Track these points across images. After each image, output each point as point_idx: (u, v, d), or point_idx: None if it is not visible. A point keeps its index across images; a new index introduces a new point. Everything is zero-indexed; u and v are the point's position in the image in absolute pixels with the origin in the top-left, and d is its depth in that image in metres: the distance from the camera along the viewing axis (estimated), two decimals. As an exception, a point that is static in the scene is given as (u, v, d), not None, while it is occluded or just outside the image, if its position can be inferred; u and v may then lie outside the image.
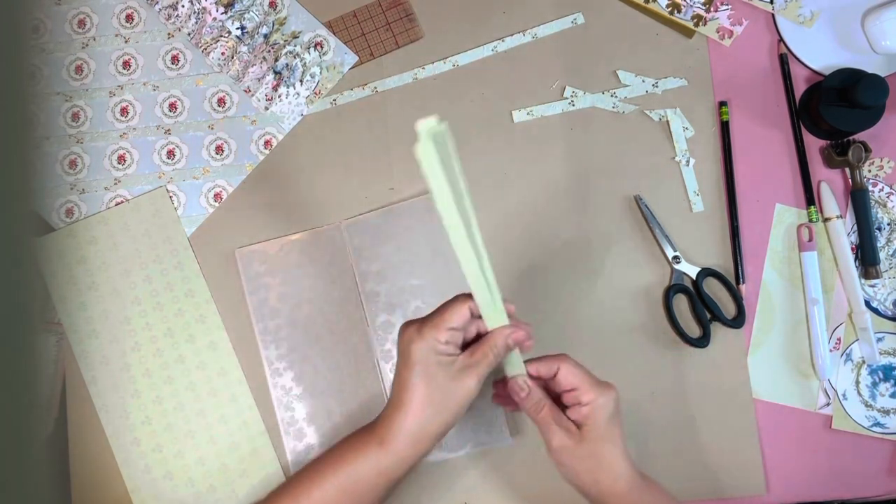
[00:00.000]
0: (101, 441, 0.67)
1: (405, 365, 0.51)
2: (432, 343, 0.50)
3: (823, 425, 0.67)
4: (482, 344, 0.51)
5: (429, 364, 0.50)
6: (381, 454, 0.51)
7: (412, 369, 0.50)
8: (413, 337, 0.50)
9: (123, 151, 0.71)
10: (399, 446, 0.50)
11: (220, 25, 0.72)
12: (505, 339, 0.51)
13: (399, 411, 0.50)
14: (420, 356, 0.50)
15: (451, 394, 0.50)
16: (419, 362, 0.50)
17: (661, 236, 0.68)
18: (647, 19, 0.72)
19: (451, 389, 0.50)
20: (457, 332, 0.51)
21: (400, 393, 0.51)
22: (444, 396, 0.50)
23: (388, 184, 0.70)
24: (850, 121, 0.67)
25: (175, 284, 0.69)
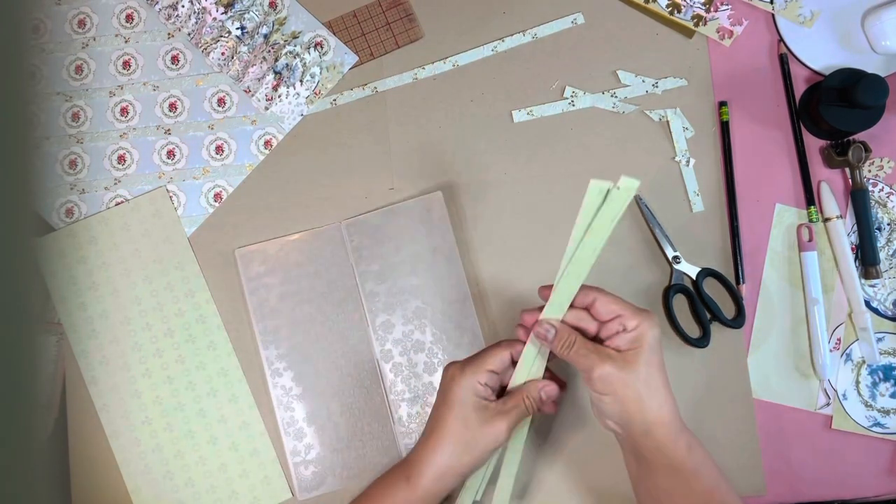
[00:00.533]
0: (101, 441, 0.67)
1: (444, 402, 0.53)
2: (473, 383, 0.52)
3: (823, 425, 0.67)
4: (517, 393, 0.53)
5: (466, 405, 0.52)
6: (408, 490, 0.53)
7: (450, 407, 0.52)
8: (455, 375, 0.53)
9: (123, 151, 0.71)
10: (425, 482, 0.52)
11: (220, 25, 0.72)
12: (538, 392, 0.53)
13: (429, 447, 0.53)
14: (459, 396, 0.52)
15: (482, 437, 0.52)
16: (457, 402, 0.52)
17: (661, 236, 0.68)
18: (647, 19, 0.72)
19: (481, 432, 0.52)
20: (495, 376, 0.53)
21: (434, 429, 0.53)
22: (474, 438, 0.52)
23: (388, 184, 0.70)
24: (850, 121, 0.67)
25: (175, 284, 0.69)
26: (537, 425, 0.66)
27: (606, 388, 0.50)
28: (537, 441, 0.66)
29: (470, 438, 0.52)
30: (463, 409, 0.52)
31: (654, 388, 0.50)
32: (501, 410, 0.52)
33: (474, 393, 0.52)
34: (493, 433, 0.52)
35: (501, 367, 0.54)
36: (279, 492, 0.67)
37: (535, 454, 0.66)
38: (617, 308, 0.51)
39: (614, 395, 0.50)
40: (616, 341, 0.51)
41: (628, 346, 0.50)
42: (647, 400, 0.49)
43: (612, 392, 0.50)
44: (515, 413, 0.53)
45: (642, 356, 0.50)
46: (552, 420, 0.66)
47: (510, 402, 0.53)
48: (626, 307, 0.51)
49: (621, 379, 0.49)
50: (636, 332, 0.50)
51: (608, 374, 0.49)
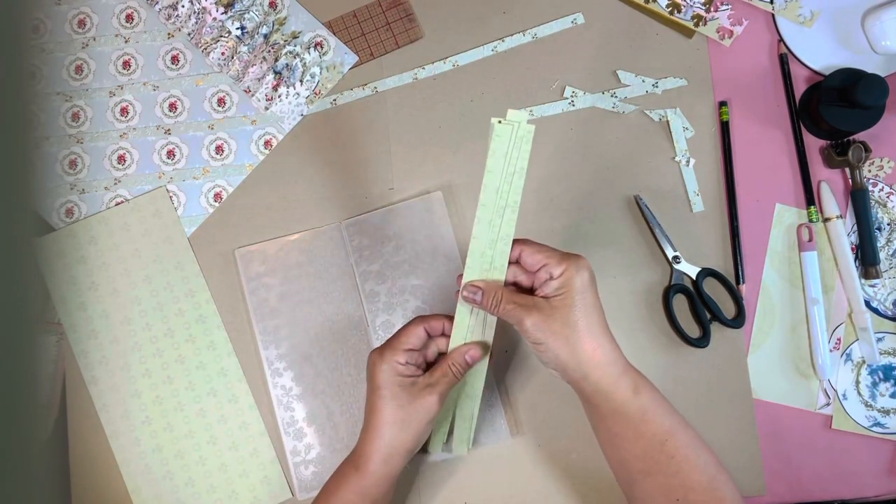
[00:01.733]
0: (101, 441, 0.67)
1: (371, 389, 0.55)
2: (392, 365, 0.53)
3: (823, 425, 0.67)
4: (441, 363, 0.55)
5: (392, 386, 0.53)
6: (358, 477, 0.54)
7: (376, 392, 0.54)
8: (375, 361, 0.54)
9: (123, 151, 0.71)
10: (372, 467, 0.53)
11: (220, 25, 0.72)
12: (463, 356, 0.54)
13: (368, 434, 0.54)
14: (383, 379, 0.53)
15: (414, 412, 0.53)
16: (382, 385, 0.53)
17: (661, 236, 0.68)
18: (647, 19, 0.72)
19: (413, 408, 0.53)
20: (415, 353, 0.55)
21: (368, 417, 0.55)
22: (408, 415, 0.53)
23: (388, 184, 0.70)
24: (850, 121, 0.67)
25: (175, 284, 0.69)
26: (537, 425, 0.66)
27: (538, 337, 0.50)
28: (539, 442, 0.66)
29: (404, 416, 0.53)
30: (389, 390, 0.53)
31: (585, 331, 0.49)
32: (428, 383, 0.54)
33: (396, 373, 0.53)
34: (425, 406, 0.53)
35: (419, 343, 0.55)
36: (279, 492, 0.67)
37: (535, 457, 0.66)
38: (542, 257, 0.51)
39: (546, 342, 0.50)
40: (544, 289, 0.51)
41: (555, 293, 0.50)
42: (579, 343, 0.49)
43: (544, 340, 0.50)
44: (443, 382, 0.54)
45: (569, 300, 0.50)
46: (552, 420, 0.66)
47: (436, 372, 0.54)
48: (551, 254, 0.51)
49: (549, 326, 0.49)
50: (563, 278, 0.50)
51: (536, 323, 0.50)
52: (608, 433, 0.52)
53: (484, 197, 0.53)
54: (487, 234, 0.53)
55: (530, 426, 0.67)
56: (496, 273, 0.53)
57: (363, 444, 0.54)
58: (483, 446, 0.66)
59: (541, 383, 0.67)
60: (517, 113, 0.52)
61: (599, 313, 0.51)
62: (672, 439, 0.50)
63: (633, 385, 0.50)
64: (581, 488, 0.66)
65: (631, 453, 0.51)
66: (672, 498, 0.50)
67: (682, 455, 0.50)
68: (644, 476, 0.51)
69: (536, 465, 0.66)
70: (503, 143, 0.52)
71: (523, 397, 0.67)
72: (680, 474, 0.50)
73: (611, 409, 0.51)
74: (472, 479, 0.66)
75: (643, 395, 0.51)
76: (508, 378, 0.68)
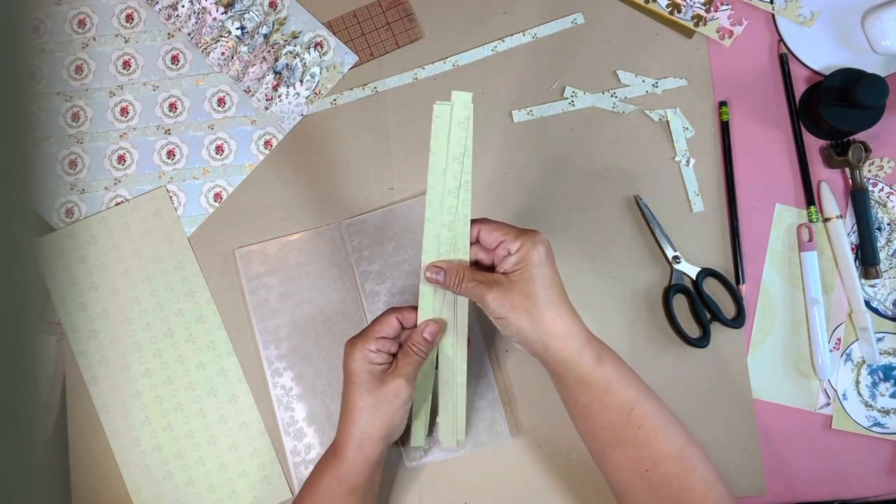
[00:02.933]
0: (101, 441, 0.67)
1: (345, 377, 0.56)
2: (364, 353, 0.55)
3: (823, 425, 0.67)
4: (402, 349, 0.56)
5: (362, 373, 0.55)
6: (336, 464, 0.55)
7: (349, 379, 0.56)
8: (349, 351, 0.56)
9: (123, 151, 0.71)
10: (348, 452, 0.55)
11: (220, 25, 0.72)
12: (420, 334, 0.55)
13: (344, 421, 0.56)
14: (355, 367, 0.55)
15: (383, 396, 0.54)
16: (354, 373, 0.55)
17: (661, 236, 0.68)
18: (647, 19, 0.72)
19: (382, 393, 0.54)
20: (387, 342, 0.56)
21: (343, 404, 0.56)
22: (378, 400, 0.54)
23: (388, 184, 0.70)
24: (850, 121, 0.67)
25: (175, 284, 0.69)
26: (537, 425, 0.66)
27: (499, 312, 0.51)
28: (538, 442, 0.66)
29: (374, 401, 0.54)
30: (360, 377, 0.55)
31: (543, 303, 0.50)
32: (394, 368, 0.55)
33: (367, 361, 0.55)
34: (392, 390, 0.54)
35: (393, 332, 0.56)
36: (279, 492, 0.67)
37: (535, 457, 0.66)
38: (499, 234, 0.52)
39: (507, 316, 0.51)
40: (503, 265, 0.52)
41: (514, 268, 0.51)
42: (538, 315, 0.50)
43: (505, 314, 0.51)
44: (407, 362, 0.55)
45: (527, 274, 0.50)
46: (552, 420, 0.66)
47: (399, 356, 0.56)
48: (508, 231, 0.52)
49: (510, 301, 0.50)
50: (520, 253, 0.51)
51: (497, 298, 0.51)
52: (575, 404, 0.53)
53: (431, 179, 0.54)
54: (442, 216, 0.54)
55: (530, 426, 0.67)
56: (459, 254, 0.54)
57: (340, 432, 0.56)
58: (483, 446, 0.66)
59: (541, 383, 0.67)
60: (460, 94, 0.53)
61: (558, 286, 0.52)
62: (638, 409, 0.51)
63: (595, 355, 0.51)
64: (581, 488, 0.66)
65: (598, 424, 0.52)
66: (641, 468, 0.51)
67: (649, 425, 0.51)
68: (612, 448, 0.52)
69: (536, 465, 0.66)
70: (444, 123, 0.53)
71: (523, 397, 0.67)
72: (648, 445, 0.51)
73: (575, 380, 0.51)
74: (472, 479, 0.66)
75: (606, 364, 0.51)
76: (508, 378, 0.68)
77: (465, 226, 0.54)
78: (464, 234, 0.54)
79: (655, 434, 0.51)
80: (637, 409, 0.51)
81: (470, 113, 0.53)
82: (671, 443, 0.51)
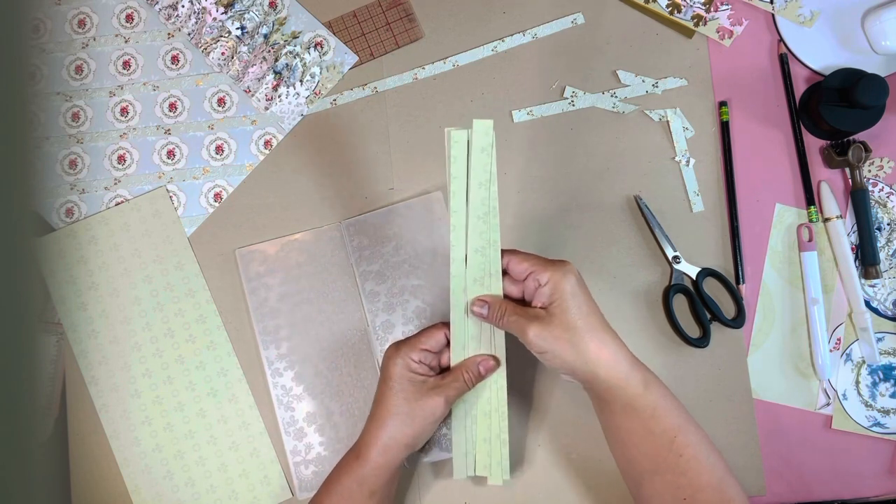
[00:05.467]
0: (101, 441, 0.67)
1: (383, 380, 0.56)
2: (406, 360, 0.55)
3: (823, 425, 0.67)
4: (456, 368, 0.56)
5: (401, 379, 0.55)
6: (357, 465, 0.55)
7: (387, 384, 0.56)
8: (391, 354, 0.56)
9: (123, 151, 0.71)
10: (372, 456, 0.55)
11: (220, 25, 0.72)
12: (477, 366, 0.55)
13: (372, 423, 0.56)
14: (394, 372, 0.55)
15: (419, 409, 0.54)
16: (392, 377, 0.55)
17: (661, 236, 0.68)
18: (647, 19, 0.72)
19: (419, 405, 0.54)
20: (430, 354, 0.56)
21: (375, 407, 0.56)
22: (412, 410, 0.54)
23: (388, 184, 0.70)
24: (850, 121, 0.67)
25: (175, 284, 0.69)
26: (537, 425, 0.66)
27: (542, 347, 0.51)
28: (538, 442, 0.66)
29: (409, 411, 0.54)
30: (400, 383, 0.55)
31: (585, 332, 0.50)
32: (438, 385, 0.55)
33: (408, 369, 0.55)
34: (430, 406, 0.54)
35: (437, 347, 0.56)
36: (279, 492, 0.67)
37: (535, 457, 0.66)
38: (527, 265, 0.53)
39: (551, 350, 0.51)
40: (537, 299, 0.52)
41: (549, 301, 0.51)
42: (582, 344, 0.50)
43: (549, 349, 0.51)
44: (454, 387, 0.55)
45: (563, 305, 0.51)
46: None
47: (449, 377, 0.55)
48: (535, 263, 0.53)
49: (551, 334, 0.50)
50: (550, 285, 0.51)
51: (538, 332, 0.51)
52: (618, 431, 0.53)
53: (454, 204, 0.54)
54: (471, 241, 0.55)
55: (530, 427, 0.67)
56: (493, 280, 0.55)
57: (366, 432, 0.56)
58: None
59: (541, 384, 0.67)
60: (481, 122, 0.54)
61: (596, 313, 0.52)
62: (681, 437, 0.50)
63: (643, 380, 0.51)
64: (581, 488, 0.66)
65: (640, 450, 0.51)
66: (679, 497, 0.50)
67: (691, 454, 0.50)
68: (652, 475, 0.51)
69: (536, 465, 0.66)
70: (461, 149, 0.54)
71: (523, 397, 0.67)
72: (688, 473, 0.50)
73: (621, 406, 0.51)
74: (473, 479, 0.66)
75: (653, 390, 0.51)
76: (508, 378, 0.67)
77: (496, 251, 0.55)
78: (496, 259, 0.55)
79: (697, 463, 0.50)
80: (680, 436, 0.50)
81: (492, 140, 0.54)
82: (711, 473, 0.50)
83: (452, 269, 0.55)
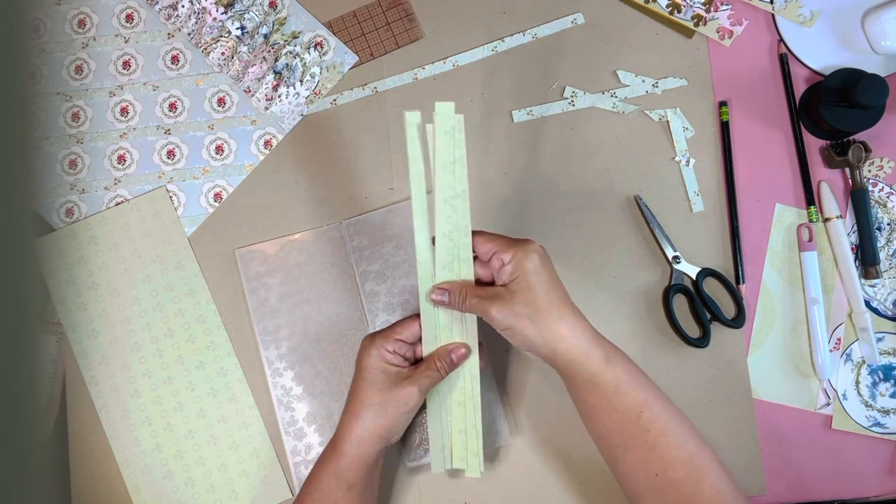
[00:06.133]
0: (101, 441, 0.67)
1: (357, 371, 0.56)
2: (381, 351, 0.55)
3: (823, 425, 0.67)
4: (429, 358, 0.56)
5: (375, 370, 0.55)
6: (334, 459, 0.55)
7: (360, 374, 0.56)
8: (366, 345, 0.56)
9: (123, 151, 0.71)
10: (346, 448, 0.55)
11: (220, 25, 0.72)
12: (449, 354, 0.55)
13: (346, 416, 0.56)
14: (368, 363, 0.55)
15: (392, 399, 0.54)
16: (366, 369, 0.55)
17: (661, 236, 0.68)
18: (647, 19, 0.72)
19: (392, 395, 0.54)
20: (405, 345, 0.56)
21: (350, 399, 0.56)
22: (386, 401, 0.54)
23: (388, 184, 0.70)
24: (850, 121, 0.67)
25: (175, 284, 0.69)
26: (537, 425, 0.66)
27: (503, 323, 0.51)
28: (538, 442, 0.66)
29: (382, 401, 0.54)
30: (373, 374, 0.55)
31: (545, 309, 0.51)
32: (411, 375, 0.55)
33: (382, 360, 0.55)
34: (404, 396, 0.54)
35: (412, 338, 0.56)
36: (279, 492, 0.67)
37: (535, 457, 0.66)
38: (492, 245, 0.53)
39: (512, 326, 0.51)
40: (501, 277, 0.52)
41: (510, 278, 0.51)
42: (541, 322, 0.50)
43: (509, 324, 0.51)
44: (427, 376, 0.55)
45: (525, 282, 0.51)
46: (552, 420, 0.66)
47: (422, 366, 0.55)
48: (499, 242, 0.53)
49: (511, 311, 0.51)
50: (513, 263, 0.51)
51: (500, 310, 0.51)
52: (584, 406, 0.53)
53: (414, 187, 0.54)
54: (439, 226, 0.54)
55: (530, 426, 0.67)
56: (464, 265, 0.55)
57: (341, 425, 0.56)
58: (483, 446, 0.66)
59: (540, 383, 0.67)
60: (442, 105, 0.53)
61: (559, 290, 0.52)
62: (647, 412, 0.50)
63: (604, 355, 0.51)
64: (580, 488, 0.66)
65: (607, 427, 0.52)
66: (651, 472, 0.50)
67: (659, 429, 0.50)
68: (622, 451, 0.51)
69: (536, 465, 0.66)
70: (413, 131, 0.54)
71: (523, 397, 0.67)
72: (657, 448, 0.50)
73: (583, 381, 0.51)
74: (472, 479, 0.66)
75: (616, 365, 0.51)
76: (508, 378, 0.68)
77: (466, 236, 0.54)
78: (466, 244, 0.54)
79: (665, 439, 0.50)
80: (647, 412, 0.50)
81: (456, 122, 0.53)
82: (681, 448, 0.50)
83: (418, 256, 0.55)
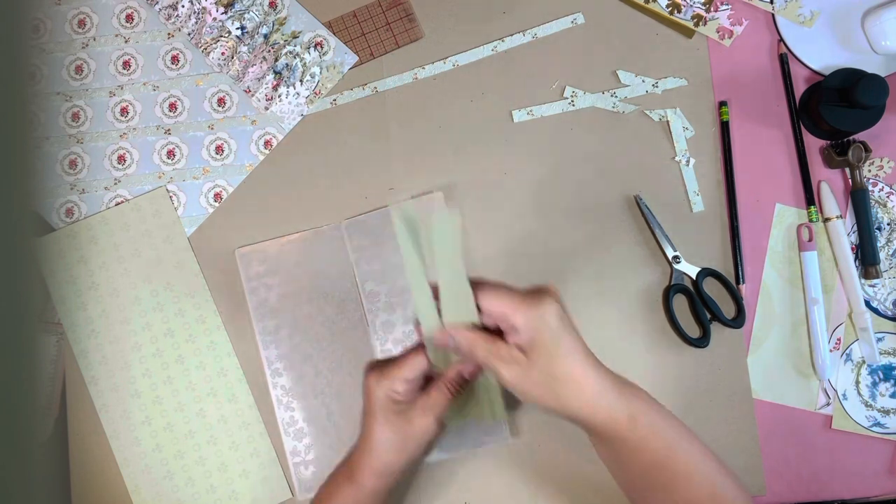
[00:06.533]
0: (101, 441, 0.67)
1: (368, 410, 0.53)
2: (388, 393, 0.52)
3: (823, 425, 0.67)
4: (437, 383, 0.52)
5: (388, 412, 0.52)
6: (352, 489, 0.53)
7: (371, 415, 0.53)
8: (371, 385, 0.53)
9: (123, 151, 0.71)
10: (366, 480, 0.53)
11: (220, 25, 0.72)
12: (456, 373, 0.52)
13: (363, 449, 0.53)
14: (379, 404, 0.52)
15: (410, 435, 0.52)
16: (379, 410, 0.52)
17: (661, 236, 0.68)
18: (647, 19, 0.72)
19: (409, 431, 0.52)
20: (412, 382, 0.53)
21: (363, 434, 0.53)
22: (403, 439, 0.52)
23: (388, 184, 0.70)
24: (850, 121, 0.67)
25: (175, 284, 0.69)
26: (537, 425, 0.66)
27: (520, 389, 0.47)
28: (539, 442, 0.66)
29: (399, 439, 0.52)
30: (384, 415, 0.52)
31: (564, 376, 0.46)
32: (425, 406, 0.52)
33: (392, 401, 0.52)
34: (422, 429, 0.52)
35: (418, 374, 0.52)
36: (279, 492, 0.67)
37: (535, 457, 0.66)
38: (501, 305, 0.48)
39: (528, 394, 0.47)
40: (513, 339, 0.48)
41: (526, 346, 0.47)
42: (561, 390, 0.47)
43: (526, 391, 0.47)
44: (441, 403, 0.52)
45: (544, 351, 0.46)
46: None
47: (432, 393, 0.52)
48: (509, 301, 0.47)
49: (529, 377, 0.47)
50: (530, 330, 0.46)
51: (514, 377, 0.47)
52: (607, 457, 0.51)
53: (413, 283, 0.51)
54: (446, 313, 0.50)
55: (530, 427, 0.67)
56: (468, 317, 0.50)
57: (358, 455, 0.54)
58: (483, 446, 0.66)
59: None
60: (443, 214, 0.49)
61: (579, 351, 0.47)
62: (672, 457, 0.49)
63: (628, 413, 0.48)
64: (580, 488, 0.66)
65: (633, 473, 0.50)
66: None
67: (683, 472, 0.49)
68: (643, 492, 0.51)
69: (536, 466, 0.66)
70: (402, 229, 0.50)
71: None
72: (680, 490, 0.49)
73: (607, 439, 0.49)
74: (472, 479, 0.66)
75: (640, 422, 0.48)
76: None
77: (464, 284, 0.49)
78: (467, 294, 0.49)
79: (688, 480, 0.48)
80: (671, 455, 0.48)
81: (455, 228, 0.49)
82: (702, 486, 0.49)
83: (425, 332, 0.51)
